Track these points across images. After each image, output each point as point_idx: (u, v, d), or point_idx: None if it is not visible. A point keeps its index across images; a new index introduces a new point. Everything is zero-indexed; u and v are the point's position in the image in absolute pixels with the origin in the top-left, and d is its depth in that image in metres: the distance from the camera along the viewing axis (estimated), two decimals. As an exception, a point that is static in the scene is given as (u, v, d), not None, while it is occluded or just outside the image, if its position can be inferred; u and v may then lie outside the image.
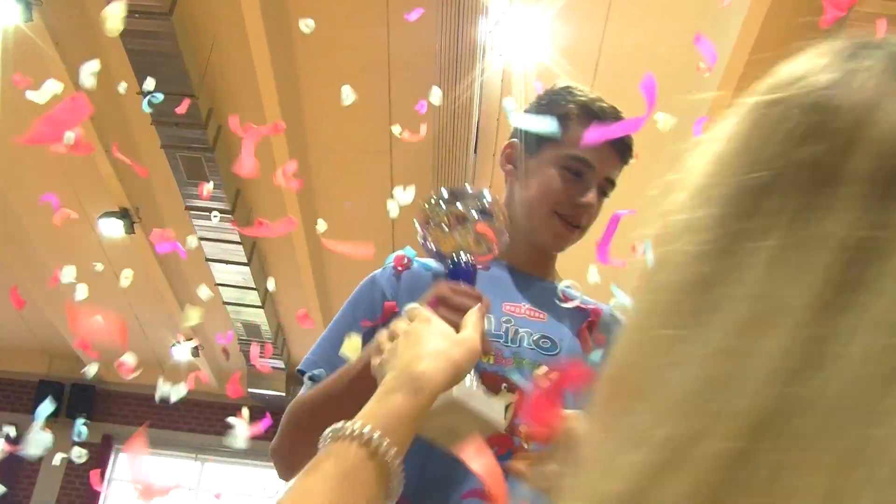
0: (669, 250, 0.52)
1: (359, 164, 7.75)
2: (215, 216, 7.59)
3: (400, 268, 1.65)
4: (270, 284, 8.67)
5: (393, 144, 7.33)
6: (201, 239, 8.48)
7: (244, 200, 8.32)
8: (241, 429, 4.47)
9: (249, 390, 11.16)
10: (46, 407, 3.81)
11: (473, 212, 1.38)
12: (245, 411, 4.65)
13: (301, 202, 7.77)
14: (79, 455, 5.53)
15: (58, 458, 6.86)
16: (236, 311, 9.79)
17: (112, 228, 8.14)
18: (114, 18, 2.84)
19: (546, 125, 1.64)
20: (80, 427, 5.40)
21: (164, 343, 10.46)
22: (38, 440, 3.51)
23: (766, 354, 0.44)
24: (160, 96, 5.31)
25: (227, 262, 8.86)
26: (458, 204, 1.39)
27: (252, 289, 9.28)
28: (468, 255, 1.36)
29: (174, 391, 5.05)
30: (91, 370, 5.77)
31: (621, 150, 1.66)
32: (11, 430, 9.78)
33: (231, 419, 4.63)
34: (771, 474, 0.42)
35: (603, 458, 0.49)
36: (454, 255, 1.36)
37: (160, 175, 7.75)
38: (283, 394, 11.20)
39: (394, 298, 1.60)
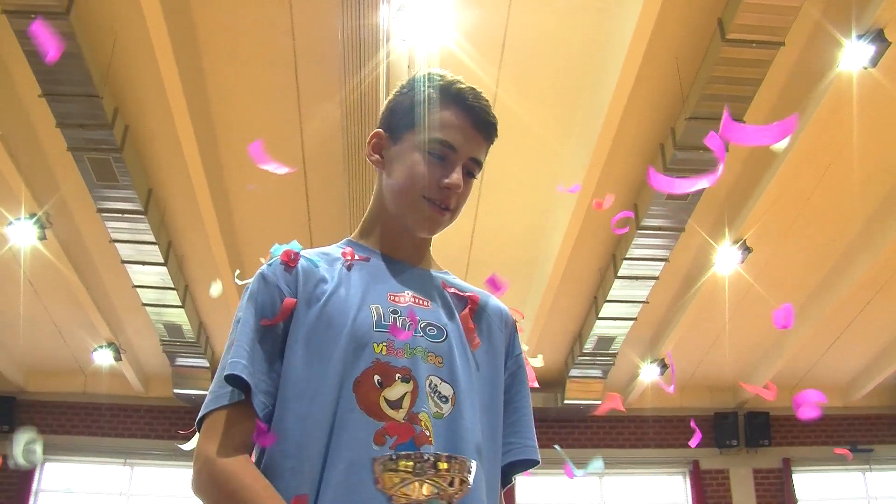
0: None
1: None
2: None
3: (291, 263, 1.63)
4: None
5: (303, 129, 7.33)
6: (115, 241, 8.37)
7: (157, 200, 8.23)
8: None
9: (175, 391, 11.07)
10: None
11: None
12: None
13: (214, 197, 7.73)
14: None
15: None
16: (157, 313, 9.68)
17: (23, 235, 7.98)
18: None
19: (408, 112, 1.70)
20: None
21: (85, 348, 10.32)
22: None
23: None
24: None
25: (144, 264, 8.76)
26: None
27: (171, 289, 9.20)
28: None
29: None
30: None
31: (485, 130, 1.68)
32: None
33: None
34: None
35: None
36: None
37: (69, 179, 7.64)
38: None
39: (292, 295, 1.58)
